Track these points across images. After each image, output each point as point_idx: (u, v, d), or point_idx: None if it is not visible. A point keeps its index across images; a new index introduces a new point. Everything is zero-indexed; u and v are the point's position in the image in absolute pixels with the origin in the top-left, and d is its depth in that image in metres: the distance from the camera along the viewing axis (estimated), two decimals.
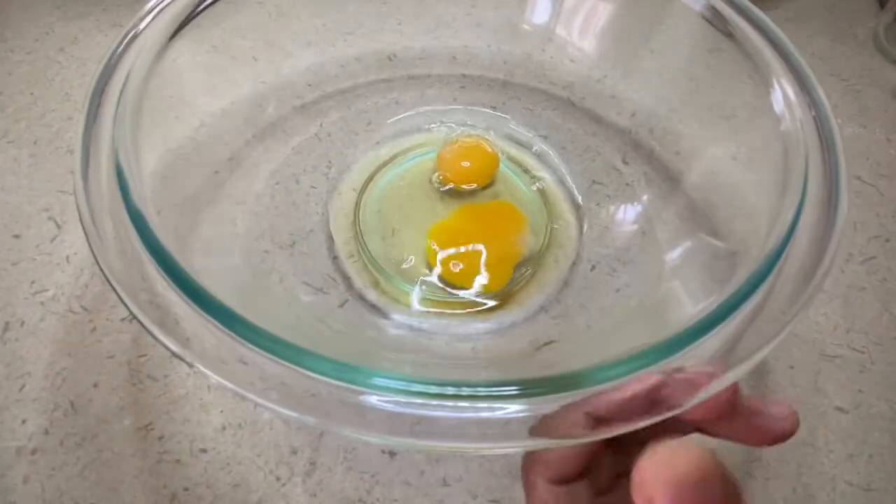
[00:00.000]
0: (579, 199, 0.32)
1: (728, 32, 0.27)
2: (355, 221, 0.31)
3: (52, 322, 0.28)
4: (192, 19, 0.26)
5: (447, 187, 0.33)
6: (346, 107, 0.35)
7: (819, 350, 0.30)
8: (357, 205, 0.32)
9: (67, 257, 0.30)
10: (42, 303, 0.29)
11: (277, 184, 0.31)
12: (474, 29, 0.37)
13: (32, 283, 0.30)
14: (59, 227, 0.32)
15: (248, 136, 0.31)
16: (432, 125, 0.35)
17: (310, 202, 0.31)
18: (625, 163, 0.33)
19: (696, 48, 0.30)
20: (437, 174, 0.33)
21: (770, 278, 0.19)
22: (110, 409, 0.26)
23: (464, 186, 0.33)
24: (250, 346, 0.17)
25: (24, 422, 0.26)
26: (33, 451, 0.25)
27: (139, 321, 0.17)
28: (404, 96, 0.36)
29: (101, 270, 0.18)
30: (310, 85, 0.34)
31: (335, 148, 0.33)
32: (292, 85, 0.34)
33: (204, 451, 0.26)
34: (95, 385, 0.27)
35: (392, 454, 0.26)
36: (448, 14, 0.37)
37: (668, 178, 0.32)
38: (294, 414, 0.16)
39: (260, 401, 0.16)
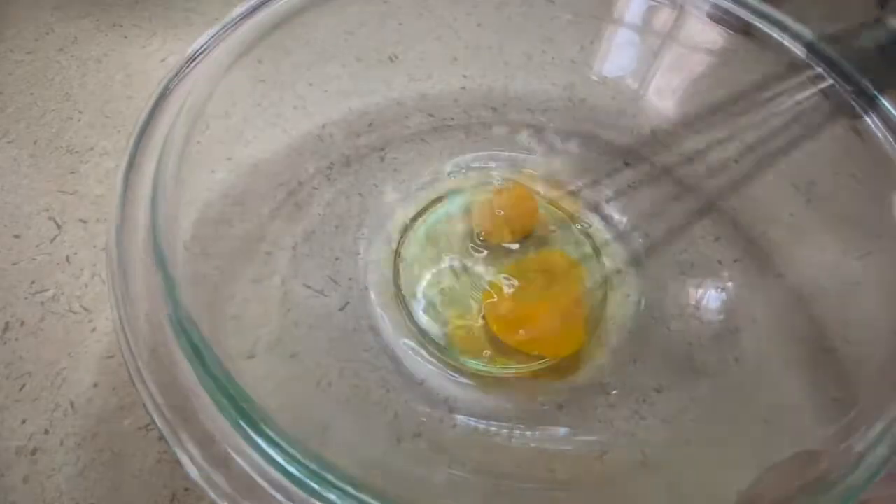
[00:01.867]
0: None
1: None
2: (398, 297, 0.29)
3: (52, 322, 0.28)
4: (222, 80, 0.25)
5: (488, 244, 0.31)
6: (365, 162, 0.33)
7: None
8: (395, 272, 0.30)
9: (67, 257, 0.30)
10: (42, 303, 0.29)
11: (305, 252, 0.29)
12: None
13: (32, 283, 0.30)
14: (59, 227, 0.32)
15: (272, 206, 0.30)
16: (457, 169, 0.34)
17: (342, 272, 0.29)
18: (716, 241, 0.31)
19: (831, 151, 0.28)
20: (477, 231, 0.31)
21: None
22: (110, 409, 0.26)
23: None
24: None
25: (24, 422, 0.26)
26: (33, 451, 0.25)
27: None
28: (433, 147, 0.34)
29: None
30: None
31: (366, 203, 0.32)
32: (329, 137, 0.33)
33: None
34: (95, 385, 0.27)
35: None
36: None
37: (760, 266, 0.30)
38: None
39: None
